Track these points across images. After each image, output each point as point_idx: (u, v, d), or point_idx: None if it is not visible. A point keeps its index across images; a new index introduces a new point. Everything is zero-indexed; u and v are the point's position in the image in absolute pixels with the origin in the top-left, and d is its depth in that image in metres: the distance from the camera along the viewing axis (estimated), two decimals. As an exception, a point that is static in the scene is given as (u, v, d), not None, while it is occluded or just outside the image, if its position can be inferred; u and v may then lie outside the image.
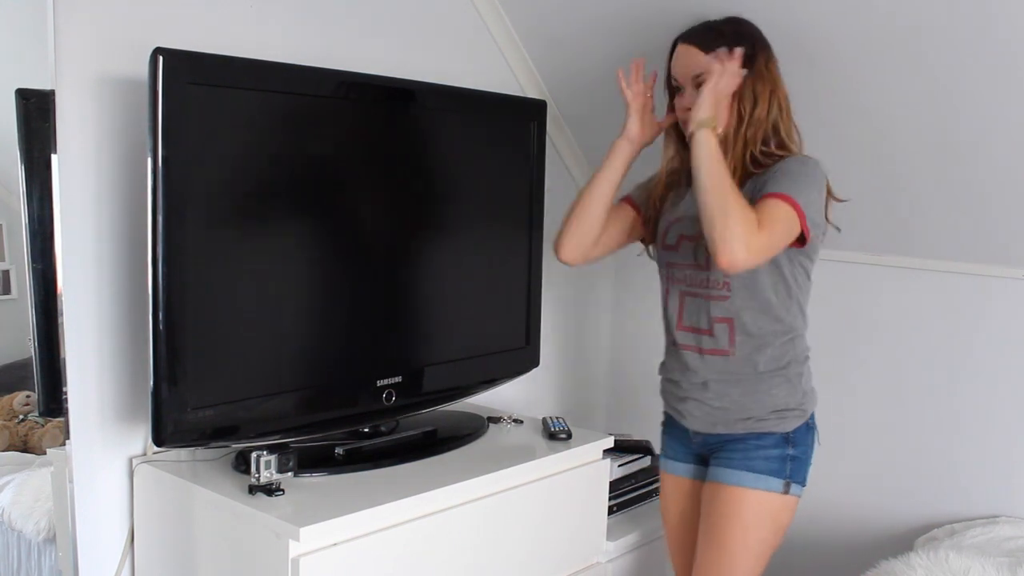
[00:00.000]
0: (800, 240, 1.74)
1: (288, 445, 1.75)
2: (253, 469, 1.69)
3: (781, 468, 1.82)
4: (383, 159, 1.97)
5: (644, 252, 2.05)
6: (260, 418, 1.78)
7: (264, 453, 1.69)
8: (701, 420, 1.89)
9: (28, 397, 1.86)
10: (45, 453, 1.85)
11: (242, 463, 1.81)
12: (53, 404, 1.75)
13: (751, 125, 1.79)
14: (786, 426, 1.84)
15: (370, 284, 1.96)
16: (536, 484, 1.99)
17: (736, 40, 1.78)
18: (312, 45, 2.08)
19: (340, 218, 1.91)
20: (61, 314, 1.74)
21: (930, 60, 1.92)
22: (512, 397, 2.52)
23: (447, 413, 2.22)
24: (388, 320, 2.00)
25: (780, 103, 1.82)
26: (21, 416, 1.87)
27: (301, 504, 1.67)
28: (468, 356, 2.17)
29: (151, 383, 1.63)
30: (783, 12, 1.93)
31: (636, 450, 2.54)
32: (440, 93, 2.06)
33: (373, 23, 2.22)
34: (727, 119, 1.80)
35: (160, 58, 1.56)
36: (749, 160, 1.80)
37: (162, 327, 1.61)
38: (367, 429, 1.99)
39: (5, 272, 1.82)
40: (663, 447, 2.05)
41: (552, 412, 2.63)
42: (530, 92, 2.58)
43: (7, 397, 1.87)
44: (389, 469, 1.88)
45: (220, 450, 1.88)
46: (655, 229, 1.97)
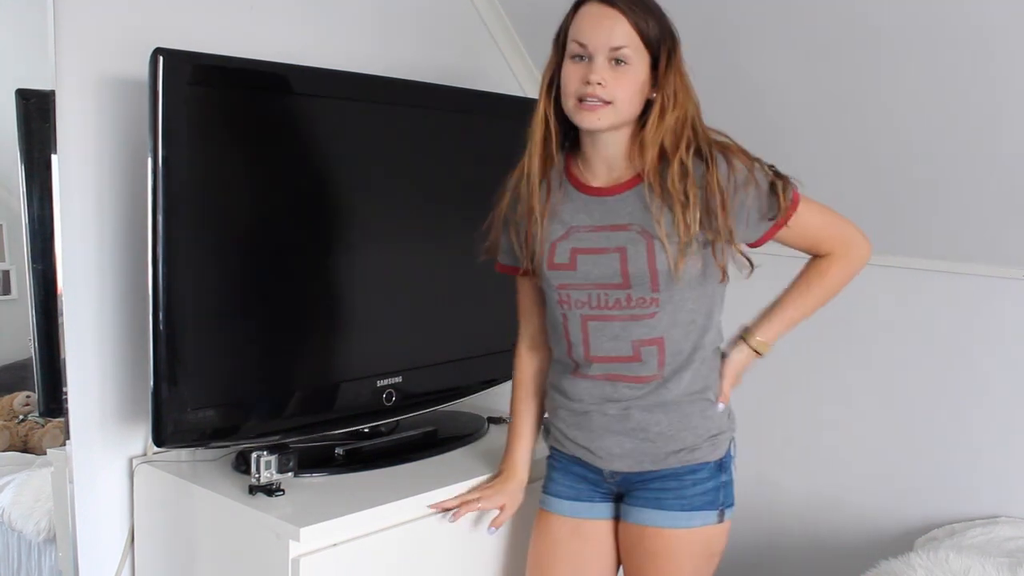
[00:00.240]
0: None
1: (288, 445, 1.75)
2: (253, 469, 1.69)
3: (715, 499, 1.63)
4: (383, 159, 1.97)
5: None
6: (260, 418, 1.78)
7: (264, 453, 1.69)
8: (624, 459, 1.63)
9: (28, 397, 1.86)
10: (45, 453, 1.85)
11: (242, 463, 1.81)
12: (53, 404, 1.75)
13: (669, 131, 1.52)
14: (719, 451, 1.63)
15: (370, 284, 1.96)
16: (536, 484, 1.99)
17: (662, 27, 1.52)
18: (312, 45, 2.07)
19: (340, 218, 1.91)
20: (61, 314, 1.74)
21: (931, 59, 1.92)
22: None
23: (447, 413, 2.22)
24: (388, 320, 2.00)
25: (694, 102, 1.56)
26: (21, 416, 1.87)
27: (301, 504, 1.67)
28: (468, 356, 2.17)
29: (151, 383, 1.63)
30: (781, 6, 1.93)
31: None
32: (440, 93, 2.06)
33: (373, 23, 2.22)
34: (632, 112, 1.54)
35: (160, 58, 1.56)
36: (679, 163, 1.52)
37: (162, 327, 1.61)
38: (367, 429, 1.99)
39: (5, 272, 1.81)
40: (549, 484, 1.75)
41: (552, 412, 2.63)
42: (530, 92, 2.58)
43: (7, 397, 1.86)
44: (389, 469, 1.88)
45: (220, 450, 1.88)
46: (531, 255, 1.65)
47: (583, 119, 1.53)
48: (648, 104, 1.55)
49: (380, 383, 1.96)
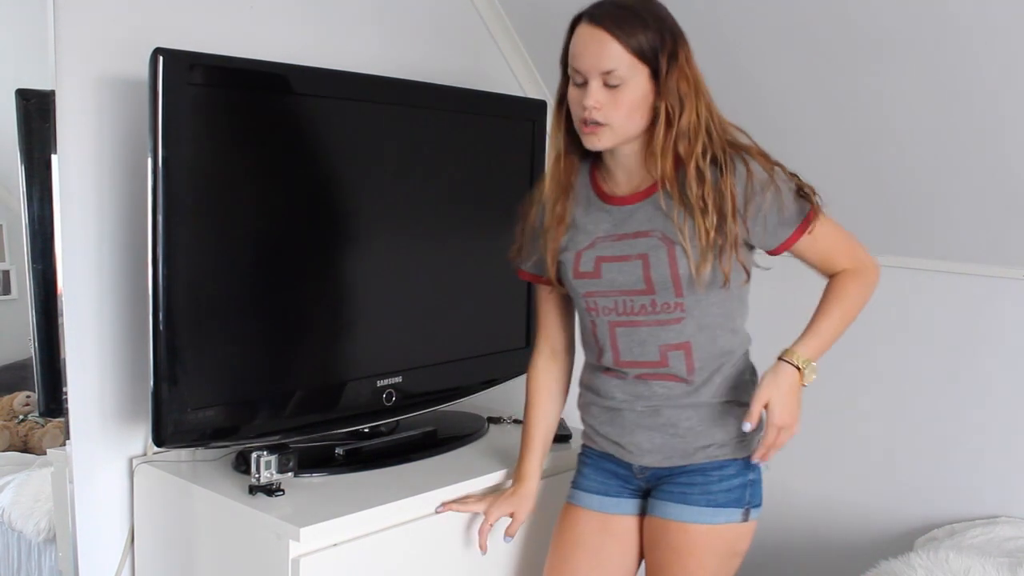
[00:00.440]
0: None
1: (288, 445, 1.75)
2: (253, 469, 1.69)
3: (741, 497, 1.64)
4: (383, 159, 1.97)
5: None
6: (260, 418, 1.78)
7: (264, 453, 1.69)
8: (653, 454, 1.65)
9: (28, 397, 1.86)
10: (45, 453, 1.85)
11: (242, 463, 1.81)
12: (53, 404, 1.75)
13: (681, 137, 1.52)
14: (748, 449, 1.64)
15: (370, 284, 1.96)
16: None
17: (659, 31, 1.49)
18: (312, 45, 2.07)
19: (339, 218, 1.91)
20: (61, 314, 1.74)
21: (931, 60, 1.92)
22: (512, 397, 2.51)
23: (447, 413, 2.22)
24: (388, 320, 2.00)
25: (707, 101, 1.54)
26: (21, 416, 1.87)
27: (301, 504, 1.67)
28: (468, 356, 2.17)
29: (151, 383, 1.63)
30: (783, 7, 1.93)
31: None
32: (440, 93, 2.06)
33: (373, 23, 2.22)
34: (636, 127, 1.54)
35: (160, 58, 1.56)
36: (695, 168, 1.52)
37: (162, 327, 1.61)
38: (367, 429, 1.99)
39: (5, 272, 1.82)
40: (578, 479, 1.79)
41: (552, 412, 2.63)
42: (530, 92, 2.58)
43: (7, 397, 1.86)
44: (389, 469, 1.88)
45: (220, 450, 1.88)
46: (558, 266, 1.69)
47: (586, 141, 1.56)
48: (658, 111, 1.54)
49: (380, 383, 1.96)
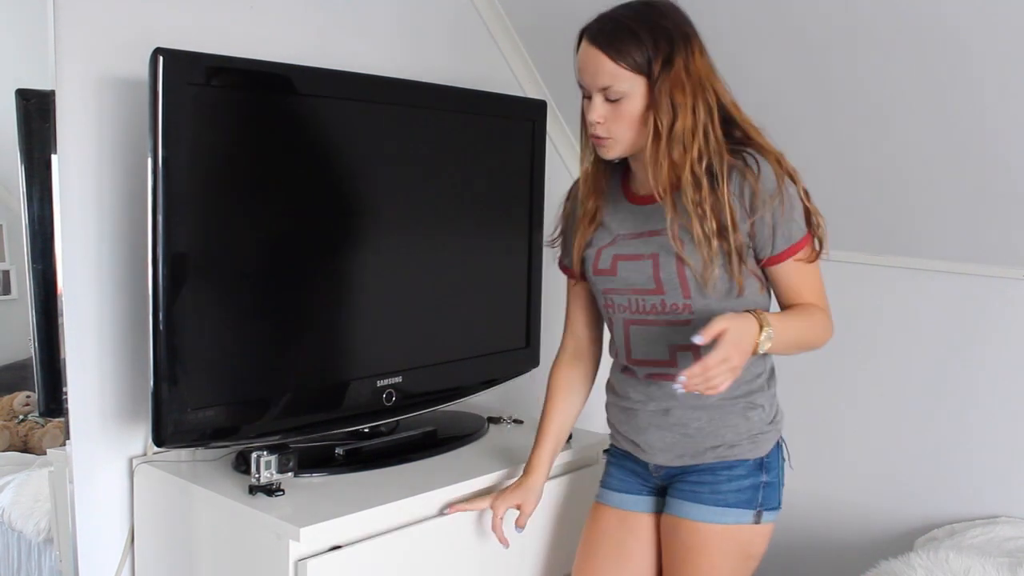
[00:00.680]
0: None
1: (288, 445, 1.76)
2: (253, 469, 1.69)
3: (752, 498, 1.63)
4: (383, 159, 1.97)
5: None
6: (260, 418, 1.78)
7: (264, 453, 1.69)
8: (665, 452, 1.68)
9: (28, 397, 1.86)
10: (45, 453, 1.85)
11: (242, 463, 1.81)
12: (53, 404, 1.75)
13: (673, 143, 1.51)
14: (760, 450, 1.64)
15: (370, 284, 1.96)
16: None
17: (653, 41, 1.49)
18: (311, 45, 2.08)
19: (340, 218, 1.91)
20: (61, 314, 1.74)
21: (930, 59, 1.92)
22: (512, 397, 2.51)
23: (447, 413, 2.22)
24: (388, 320, 2.00)
25: (709, 104, 1.52)
26: (21, 416, 1.87)
27: (301, 504, 1.67)
28: (468, 356, 2.17)
29: (151, 383, 1.63)
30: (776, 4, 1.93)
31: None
32: (440, 93, 2.06)
33: (373, 23, 2.22)
34: (643, 137, 1.54)
35: (160, 58, 1.56)
36: (691, 174, 1.51)
37: (162, 327, 1.61)
38: (367, 429, 1.99)
39: (5, 272, 1.81)
40: (605, 477, 1.83)
41: (552, 412, 2.62)
42: (530, 92, 2.58)
43: (7, 397, 1.86)
44: (389, 469, 1.88)
45: (220, 450, 1.88)
46: (582, 262, 1.73)
47: (599, 152, 1.62)
48: None
49: (380, 383, 1.96)
